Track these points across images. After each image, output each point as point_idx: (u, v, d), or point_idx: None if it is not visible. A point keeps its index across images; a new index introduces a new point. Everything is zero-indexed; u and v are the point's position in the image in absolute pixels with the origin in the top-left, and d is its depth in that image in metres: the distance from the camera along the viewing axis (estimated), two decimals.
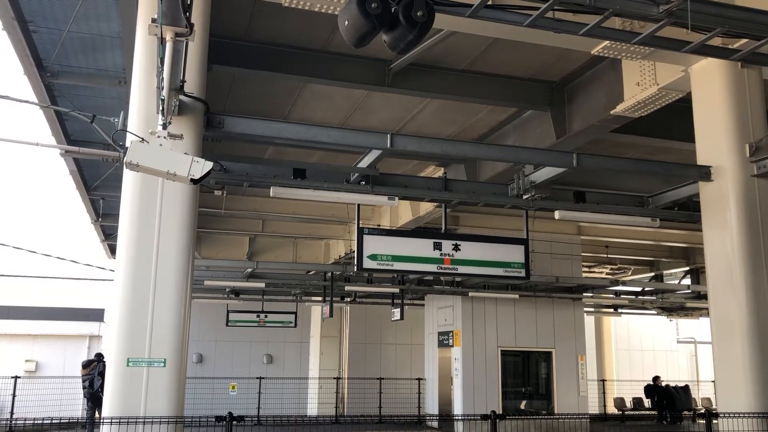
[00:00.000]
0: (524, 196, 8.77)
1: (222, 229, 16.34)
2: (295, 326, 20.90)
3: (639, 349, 25.82)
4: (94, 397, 13.68)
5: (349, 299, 19.76)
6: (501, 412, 11.04)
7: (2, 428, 14.50)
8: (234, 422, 5.82)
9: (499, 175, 11.03)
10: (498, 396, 16.67)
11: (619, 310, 21.81)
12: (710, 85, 7.57)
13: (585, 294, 18.07)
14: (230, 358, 21.28)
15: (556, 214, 8.86)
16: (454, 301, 17.68)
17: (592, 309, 21.71)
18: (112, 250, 17.16)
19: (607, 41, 6.63)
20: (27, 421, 13.67)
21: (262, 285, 17.08)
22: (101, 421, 5.81)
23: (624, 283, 18.73)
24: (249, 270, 15.93)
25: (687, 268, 19.43)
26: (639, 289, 19.24)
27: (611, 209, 9.08)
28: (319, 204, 14.38)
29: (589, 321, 22.37)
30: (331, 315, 17.44)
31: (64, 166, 11.64)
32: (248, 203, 14.50)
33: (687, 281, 19.94)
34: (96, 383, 13.66)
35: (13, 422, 14.40)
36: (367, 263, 8.86)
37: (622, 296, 19.23)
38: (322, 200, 8.66)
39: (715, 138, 7.58)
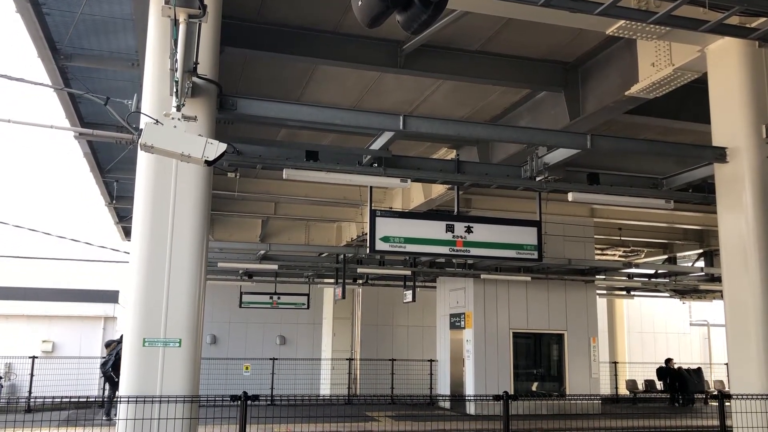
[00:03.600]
0: (537, 178, 8.74)
1: (235, 212, 16.41)
2: (308, 308, 21.03)
3: (651, 331, 25.78)
4: (106, 376, 13.91)
5: (361, 281, 19.84)
6: (513, 393, 11.08)
7: (21, 406, 14.74)
8: (249, 402, 5.89)
9: (512, 156, 10.98)
10: (510, 377, 16.74)
11: (632, 293, 21.76)
12: (727, 65, 7.48)
13: (597, 276, 18.04)
14: (244, 339, 21.48)
15: (570, 196, 8.82)
16: (465, 284, 17.71)
17: (605, 291, 21.67)
18: (126, 232, 17.29)
19: (623, 21, 6.56)
20: (45, 400, 13.85)
21: (275, 267, 17.17)
22: (118, 399, 5.89)
23: (637, 266, 18.68)
24: (262, 252, 16.02)
25: (701, 251, 19.34)
26: (652, 271, 19.18)
27: (625, 191, 9.03)
28: (331, 186, 14.38)
29: (601, 303, 22.33)
30: (343, 297, 17.52)
31: (78, 149, 11.72)
32: (261, 186, 14.53)
33: (700, 264, 19.85)
34: (108, 363, 13.85)
35: (32, 401, 14.62)
36: (380, 245, 8.88)
37: (635, 279, 19.17)
38: (334, 182, 8.68)
39: (730, 119, 7.50)
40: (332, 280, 19.47)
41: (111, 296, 19.74)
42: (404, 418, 14.62)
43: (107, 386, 14.31)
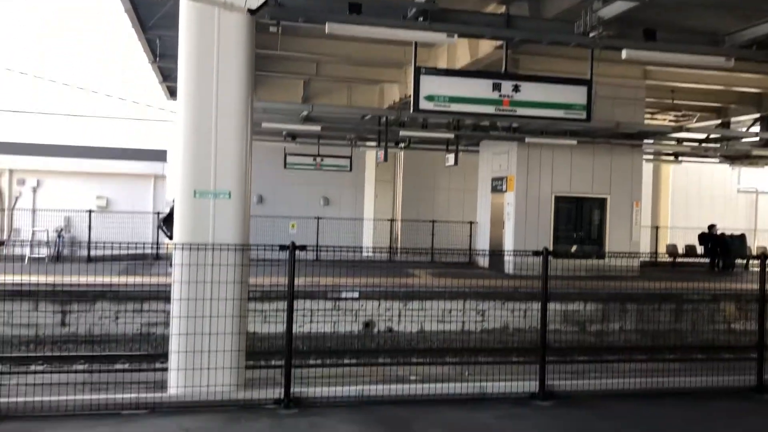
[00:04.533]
0: (591, 34, 8.35)
1: (277, 72, 16.24)
2: (351, 170, 21.28)
3: (697, 197, 25.45)
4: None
5: (403, 144, 19.81)
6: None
7: (83, 257, 15.70)
8: (296, 251, 6.13)
9: (564, 12, 10.41)
10: (549, 240, 16.97)
11: (680, 158, 21.31)
12: None
13: (645, 141, 17.64)
14: (289, 199, 22.00)
15: (624, 54, 8.45)
16: (509, 147, 17.57)
17: (652, 156, 21.27)
18: (171, 91, 17.37)
19: None
20: (105, 251, 14.71)
21: (318, 128, 17.20)
22: (174, 246, 6.19)
23: (688, 130, 18.12)
24: (305, 113, 15.99)
25: (757, 115, 18.58)
26: (703, 136, 18.61)
27: (683, 48, 8.58)
28: (374, 46, 14.02)
29: (647, 168, 21.98)
30: (385, 160, 17.60)
31: (119, 5, 11.54)
32: (303, 45, 14.23)
33: (755, 129, 19.16)
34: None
35: (92, 252, 15.53)
36: (424, 104, 8.75)
37: (685, 143, 18.69)
38: (378, 37, 8.44)
39: None
40: (374, 143, 19.49)
41: (160, 155, 20.17)
42: (443, 275, 15.11)
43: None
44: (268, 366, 8.40)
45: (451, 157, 18.99)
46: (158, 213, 17.91)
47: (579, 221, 18.12)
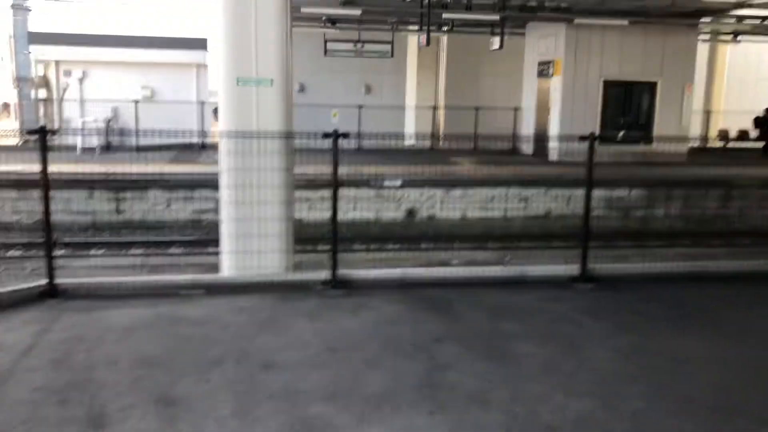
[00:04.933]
0: None
1: None
2: (392, 56, 20.78)
3: (754, 79, 24.23)
4: None
5: (446, 28, 19.17)
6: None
7: (132, 146, 16.06)
8: (339, 138, 6.15)
9: None
10: (596, 126, 16.62)
11: (739, 38, 20.15)
12: None
13: (702, 19, 16.70)
14: (330, 88, 21.77)
15: None
16: (557, 30, 16.90)
17: (708, 37, 20.18)
18: None
19: None
20: (153, 139, 14.97)
21: (358, 12, 16.72)
22: (220, 135, 6.28)
23: (750, 6, 17.01)
24: None
25: None
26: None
27: None
28: None
29: (702, 49, 20.91)
30: (428, 44, 17.10)
31: None
32: None
33: None
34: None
35: (140, 140, 15.83)
36: None
37: (746, 21, 17.61)
38: None
39: None
40: (416, 27, 18.90)
41: (201, 44, 19.96)
42: (486, 163, 15.05)
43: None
44: (316, 251, 8.69)
45: (496, 40, 18.31)
46: (203, 102, 18.05)
47: (627, 107, 17.61)
